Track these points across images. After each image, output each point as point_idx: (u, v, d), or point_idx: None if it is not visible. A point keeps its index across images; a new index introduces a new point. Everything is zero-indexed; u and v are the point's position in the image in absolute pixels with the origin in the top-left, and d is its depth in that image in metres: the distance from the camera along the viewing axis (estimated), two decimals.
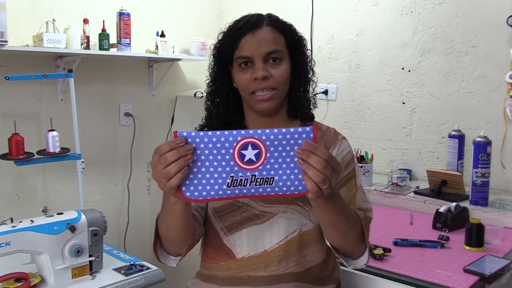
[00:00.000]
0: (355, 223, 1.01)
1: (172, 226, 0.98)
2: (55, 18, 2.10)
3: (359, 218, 1.02)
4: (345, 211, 0.97)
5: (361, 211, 1.06)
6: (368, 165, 2.06)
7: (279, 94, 1.07)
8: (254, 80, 1.04)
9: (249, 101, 1.08)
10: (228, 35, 1.09)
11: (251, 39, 1.05)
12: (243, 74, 1.06)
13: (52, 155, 1.97)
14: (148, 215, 2.72)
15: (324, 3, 2.49)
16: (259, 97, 1.05)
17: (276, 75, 1.05)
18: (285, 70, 1.07)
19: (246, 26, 1.06)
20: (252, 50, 1.04)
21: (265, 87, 1.04)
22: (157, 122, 2.71)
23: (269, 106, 1.06)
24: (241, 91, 1.09)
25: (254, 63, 1.05)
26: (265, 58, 1.05)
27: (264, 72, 1.03)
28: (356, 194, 1.09)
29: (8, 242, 1.24)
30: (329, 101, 2.42)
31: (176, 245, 1.04)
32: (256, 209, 1.06)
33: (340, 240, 1.01)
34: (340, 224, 0.96)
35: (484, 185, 1.71)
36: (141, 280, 1.42)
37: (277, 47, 1.06)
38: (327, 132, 1.16)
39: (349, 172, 1.11)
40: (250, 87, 1.05)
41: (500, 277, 1.25)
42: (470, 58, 2.02)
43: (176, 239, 1.02)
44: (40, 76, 1.91)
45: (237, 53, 1.06)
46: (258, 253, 1.06)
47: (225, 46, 1.09)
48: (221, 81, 1.13)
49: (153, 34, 2.45)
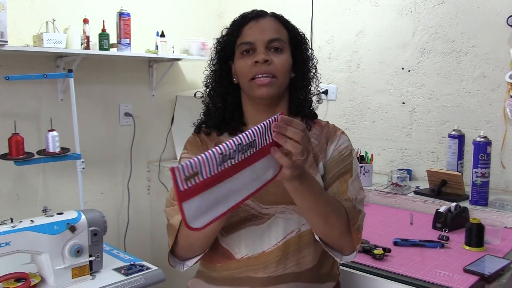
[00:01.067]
0: (338, 209, 1.01)
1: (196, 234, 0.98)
2: (55, 18, 2.10)
3: (343, 207, 1.03)
4: (323, 194, 0.99)
5: (348, 202, 1.05)
6: (368, 165, 2.06)
7: (279, 83, 1.07)
8: (255, 64, 1.05)
9: (248, 88, 1.08)
10: (232, 26, 1.11)
11: (254, 26, 1.07)
12: (244, 61, 1.07)
13: (52, 155, 1.97)
14: (148, 215, 2.72)
15: (324, 3, 2.49)
16: (259, 82, 1.05)
17: (277, 62, 1.06)
18: (286, 60, 1.08)
19: (250, 15, 1.09)
20: (255, 36, 1.06)
21: (265, 71, 1.05)
22: (157, 122, 2.71)
23: (268, 92, 1.06)
24: (241, 78, 1.09)
25: (256, 50, 1.06)
26: (267, 45, 1.06)
27: (265, 56, 1.04)
28: (348, 186, 1.08)
29: (8, 242, 1.24)
30: (329, 101, 2.42)
31: (195, 247, 1.04)
32: (255, 209, 1.06)
33: (324, 227, 1.01)
34: (320, 207, 0.97)
35: (484, 185, 1.71)
36: (141, 280, 1.43)
37: (280, 36, 1.08)
38: (326, 126, 1.17)
39: (345, 165, 1.11)
40: (251, 72, 1.06)
41: (500, 277, 1.25)
42: (470, 58, 2.02)
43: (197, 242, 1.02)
44: (40, 76, 1.91)
45: (239, 40, 1.08)
46: (257, 254, 1.06)
47: (228, 37, 1.11)
48: (220, 76, 1.13)
49: (153, 34, 2.45)
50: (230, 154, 0.77)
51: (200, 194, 0.73)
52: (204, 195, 0.74)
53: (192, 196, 0.72)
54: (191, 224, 0.73)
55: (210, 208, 0.75)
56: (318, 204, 0.97)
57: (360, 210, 1.08)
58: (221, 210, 0.76)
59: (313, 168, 1.09)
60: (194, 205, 0.73)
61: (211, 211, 0.75)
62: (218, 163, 0.75)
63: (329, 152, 1.12)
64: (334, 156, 1.12)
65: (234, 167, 0.78)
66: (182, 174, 0.71)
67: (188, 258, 1.07)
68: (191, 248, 1.05)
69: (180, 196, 0.71)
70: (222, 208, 0.77)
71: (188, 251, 1.06)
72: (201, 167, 0.73)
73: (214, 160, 0.75)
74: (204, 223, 0.74)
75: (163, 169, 2.62)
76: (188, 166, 0.72)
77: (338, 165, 1.11)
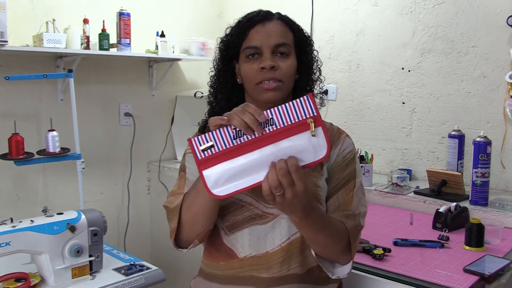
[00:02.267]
0: (339, 237, 1.02)
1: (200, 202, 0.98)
2: (55, 18, 2.10)
3: (346, 229, 1.03)
4: (326, 228, 0.99)
5: (351, 220, 1.06)
6: (368, 165, 2.06)
7: (284, 88, 1.07)
8: (261, 70, 1.04)
9: (254, 92, 1.08)
10: (237, 27, 1.10)
11: (261, 30, 1.06)
12: (250, 65, 1.06)
13: (52, 155, 1.97)
14: (148, 215, 2.72)
15: (324, 3, 2.49)
16: (265, 86, 1.05)
17: (284, 68, 1.05)
18: (292, 64, 1.08)
19: (257, 17, 1.08)
20: (262, 40, 1.05)
21: (272, 77, 1.04)
22: (157, 122, 2.71)
23: (274, 96, 1.06)
24: (246, 82, 1.09)
25: (262, 54, 1.05)
26: (274, 50, 1.05)
27: (272, 62, 1.04)
28: (353, 197, 1.09)
29: (8, 242, 1.24)
30: (329, 101, 2.42)
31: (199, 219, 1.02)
32: (259, 209, 1.06)
33: (322, 252, 1.03)
34: (320, 240, 0.99)
35: (484, 185, 1.71)
36: (141, 280, 1.43)
37: (286, 41, 1.07)
38: (330, 129, 1.16)
39: (349, 172, 1.11)
40: (257, 77, 1.05)
41: (500, 277, 1.25)
42: (470, 58, 2.02)
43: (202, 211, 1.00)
44: (40, 76, 1.91)
45: (245, 44, 1.07)
46: (260, 254, 1.06)
47: (233, 38, 1.10)
48: (225, 76, 1.13)
49: (153, 34, 2.45)
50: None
51: (219, 164, 0.83)
52: (223, 165, 0.83)
53: (211, 165, 0.83)
54: (213, 190, 0.83)
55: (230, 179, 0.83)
56: (319, 238, 0.98)
57: (362, 227, 1.09)
58: (242, 184, 0.83)
59: (317, 171, 1.09)
60: (214, 173, 0.83)
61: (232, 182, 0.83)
62: (232, 137, 0.83)
63: (333, 156, 1.11)
64: (338, 161, 1.11)
65: (252, 143, 0.83)
66: (198, 145, 0.84)
67: (192, 240, 1.06)
68: (195, 222, 1.02)
69: (199, 164, 0.84)
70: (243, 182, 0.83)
71: (192, 227, 1.03)
72: (215, 140, 0.84)
73: (227, 133, 0.83)
74: (226, 193, 0.83)
75: (163, 169, 2.62)
76: (202, 138, 0.84)
77: (342, 171, 1.10)
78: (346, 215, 1.06)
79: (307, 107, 0.84)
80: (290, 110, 0.84)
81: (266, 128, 0.82)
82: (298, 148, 0.83)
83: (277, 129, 0.83)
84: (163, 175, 2.60)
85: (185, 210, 1.03)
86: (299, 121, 0.83)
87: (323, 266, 1.04)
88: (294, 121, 0.83)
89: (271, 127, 0.83)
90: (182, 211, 1.03)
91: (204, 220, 1.02)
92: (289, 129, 0.83)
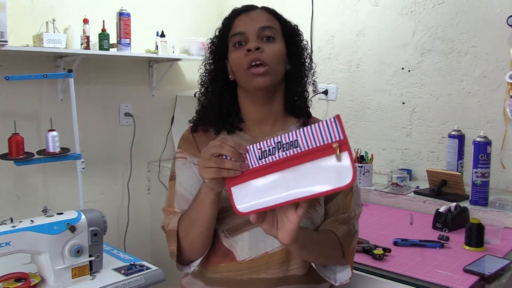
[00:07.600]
0: (333, 249, 1.04)
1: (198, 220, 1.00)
2: (55, 18, 2.11)
3: (338, 240, 1.04)
4: (316, 249, 1.01)
5: (344, 225, 1.07)
6: (368, 165, 2.06)
7: (273, 73, 1.06)
8: (247, 54, 1.04)
9: (245, 79, 1.07)
10: (223, 22, 1.12)
11: (245, 17, 1.08)
12: (238, 53, 1.07)
13: (52, 155, 1.97)
14: (148, 215, 2.72)
15: (324, 3, 2.49)
16: (254, 71, 1.04)
17: (269, 51, 1.05)
18: (278, 49, 1.07)
19: (241, 8, 1.11)
20: (246, 26, 1.06)
21: (257, 58, 1.03)
22: (157, 122, 2.71)
23: (264, 82, 1.05)
24: (236, 72, 1.08)
25: (248, 39, 1.06)
26: (259, 34, 1.06)
27: (257, 43, 1.04)
28: (351, 198, 1.10)
29: (8, 242, 1.24)
30: (329, 101, 2.42)
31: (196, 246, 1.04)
32: None
33: (316, 262, 1.05)
34: (314, 258, 1.03)
35: (484, 185, 1.71)
36: (141, 280, 1.42)
37: (271, 24, 1.08)
38: None
39: None
40: (245, 61, 1.05)
41: (500, 277, 1.25)
42: (470, 58, 2.02)
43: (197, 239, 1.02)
44: (40, 76, 1.91)
45: (231, 33, 1.08)
46: (260, 255, 1.05)
47: (220, 33, 1.11)
48: (216, 73, 1.13)
49: (153, 34, 2.45)
50: (270, 150, 0.82)
51: (245, 182, 0.85)
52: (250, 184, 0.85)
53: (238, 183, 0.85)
54: (237, 207, 0.86)
55: (254, 197, 0.84)
56: (312, 257, 1.02)
57: (355, 231, 1.09)
58: (263, 204, 0.83)
59: None
60: (240, 191, 0.86)
61: (255, 200, 0.84)
62: (258, 157, 0.84)
63: None
64: None
65: (276, 164, 0.82)
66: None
67: (193, 260, 1.07)
68: (194, 247, 1.04)
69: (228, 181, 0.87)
70: (264, 203, 0.83)
71: (191, 252, 1.05)
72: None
73: (254, 153, 0.84)
74: (248, 210, 0.84)
75: (163, 169, 2.62)
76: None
77: None
78: (341, 219, 1.07)
79: (333, 130, 0.78)
80: (315, 132, 0.79)
81: (291, 150, 0.81)
82: (321, 173, 0.78)
83: (301, 152, 0.80)
84: (163, 175, 2.60)
85: (182, 238, 1.04)
86: (324, 144, 0.78)
87: (324, 275, 1.05)
88: (319, 145, 0.79)
89: (296, 149, 0.80)
90: (180, 238, 1.04)
91: (203, 244, 1.04)
92: (313, 152, 0.79)
